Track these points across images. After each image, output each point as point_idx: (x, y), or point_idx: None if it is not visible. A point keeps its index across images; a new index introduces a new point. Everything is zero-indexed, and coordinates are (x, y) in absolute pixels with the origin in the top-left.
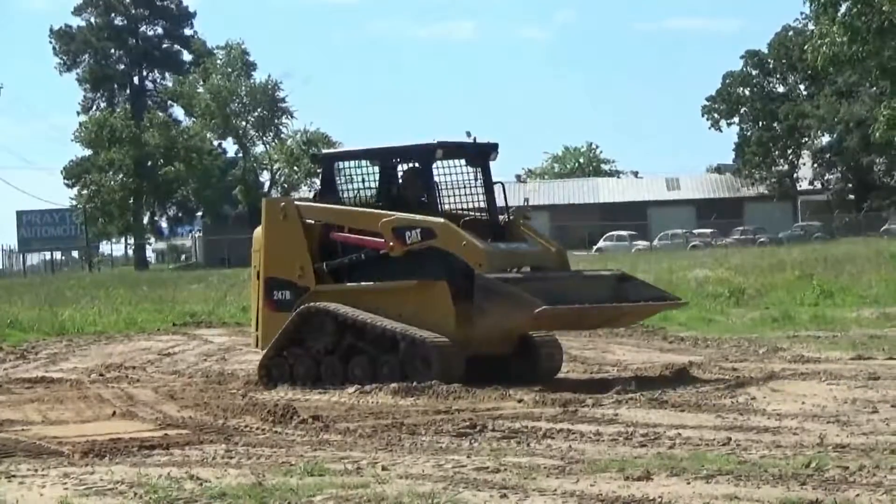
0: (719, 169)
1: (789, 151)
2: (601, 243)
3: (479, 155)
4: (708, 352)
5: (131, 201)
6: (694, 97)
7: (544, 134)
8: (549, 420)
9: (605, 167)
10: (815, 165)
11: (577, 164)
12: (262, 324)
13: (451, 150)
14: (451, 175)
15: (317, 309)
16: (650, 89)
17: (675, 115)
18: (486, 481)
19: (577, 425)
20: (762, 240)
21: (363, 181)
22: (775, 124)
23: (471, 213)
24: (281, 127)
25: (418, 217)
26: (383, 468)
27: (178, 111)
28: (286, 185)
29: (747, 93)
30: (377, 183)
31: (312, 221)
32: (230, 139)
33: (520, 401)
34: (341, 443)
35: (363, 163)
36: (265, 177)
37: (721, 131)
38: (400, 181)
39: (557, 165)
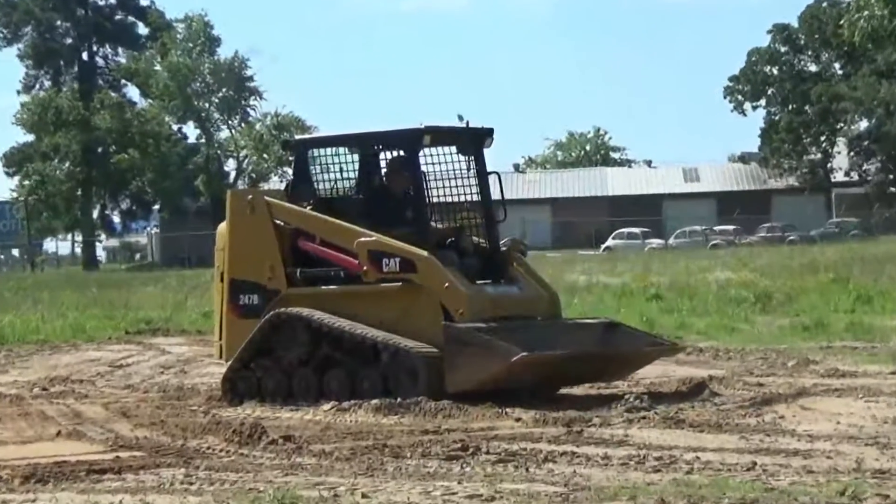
0: (743, 158)
1: (822, 138)
2: (610, 242)
3: (472, 141)
4: (730, 364)
5: (79, 193)
6: (715, 77)
7: (545, 118)
8: (551, 441)
9: (615, 156)
10: (852, 154)
11: (582, 153)
12: (227, 332)
13: (440, 135)
14: (440, 164)
15: (288, 315)
16: (665, 68)
17: (694, 98)
18: None
19: (583, 447)
20: (792, 238)
21: (341, 171)
22: (806, 107)
23: (462, 213)
24: (249, 109)
25: (400, 245)
26: (363, 496)
27: (132, 91)
28: (254, 175)
29: (775, 72)
30: (357, 173)
31: (282, 223)
32: (191, 123)
33: (518, 419)
34: (316, 467)
35: (341, 150)
36: (231, 165)
37: (745, 115)
38: (383, 171)
39: (561, 153)
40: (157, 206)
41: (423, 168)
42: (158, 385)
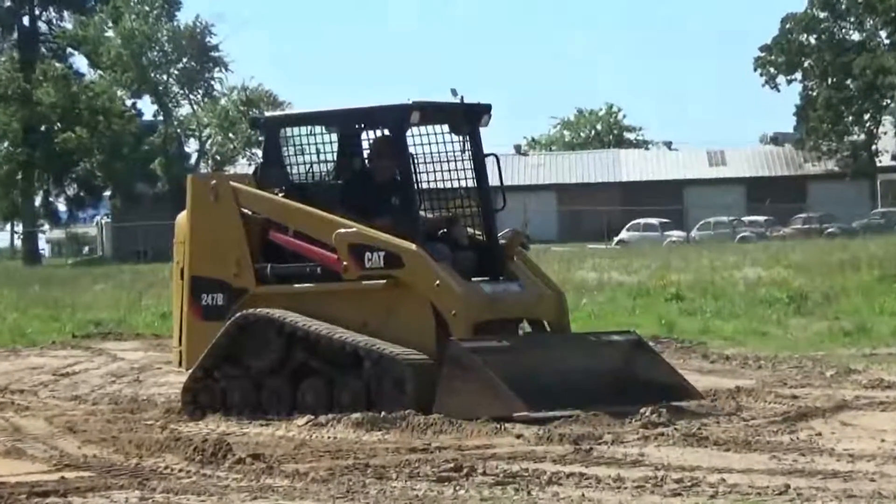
0: (776, 139)
1: (866, 117)
2: (624, 234)
3: (467, 119)
4: (761, 374)
5: (19, 177)
6: (745, 47)
7: (552, 94)
8: (557, 461)
9: (630, 136)
10: None
11: (593, 133)
12: (187, 337)
13: (430, 112)
14: (430, 146)
15: (257, 317)
16: (688, 38)
17: (721, 71)
18: None
19: (592, 468)
20: (831, 230)
21: (317, 153)
22: (849, 82)
23: (455, 201)
24: (213, 83)
25: (384, 237)
26: None
27: (79, 61)
28: (219, 157)
29: (812, 41)
30: (335, 156)
31: (250, 212)
32: (147, 98)
33: (519, 436)
34: (288, 489)
35: (318, 129)
36: (192, 146)
37: (779, 91)
38: (365, 154)
39: (569, 134)
40: (107, 193)
41: (412, 150)
42: (109, 396)
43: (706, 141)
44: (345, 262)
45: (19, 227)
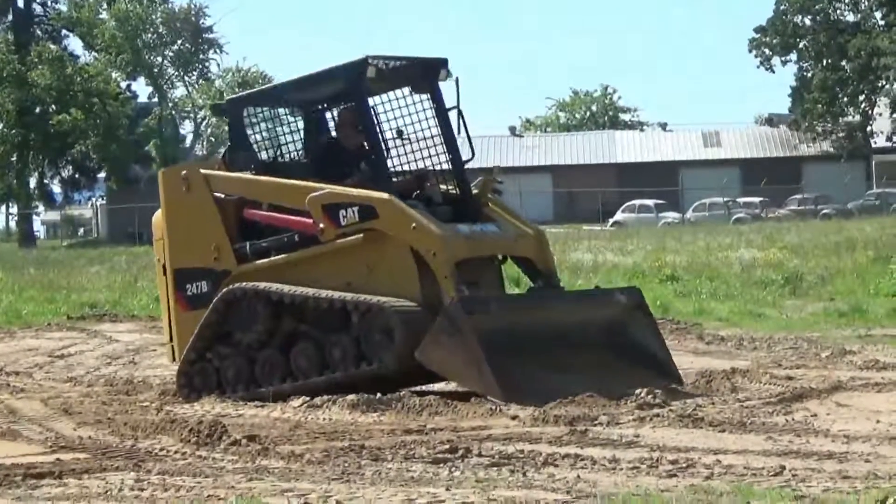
0: (771, 120)
1: (861, 98)
2: (619, 215)
3: (425, 75)
4: (756, 355)
5: (14, 159)
6: (739, 28)
7: (547, 75)
8: (552, 442)
9: (625, 118)
10: (895, 116)
11: (588, 114)
12: (177, 330)
13: (388, 73)
14: (396, 109)
15: (243, 290)
16: (683, 18)
17: (715, 52)
18: None
19: (588, 449)
20: (826, 211)
21: (283, 128)
22: (844, 63)
23: (425, 160)
24: (207, 64)
25: (355, 192)
26: (338, 503)
27: (74, 43)
28: (213, 139)
29: (808, 22)
30: (302, 128)
31: (223, 195)
32: (142, 80)
33: (514, 417)
34: (284, 471)
35: (280, 104)
36: (187, 128)
37: (773, 72)
38: (332, 127)
39: (564, 115)
40: (102, 175)
41: (379, 118)
42: (105, 378)
43: (701, 122)
44: (321, 225)
45: (14, 209)
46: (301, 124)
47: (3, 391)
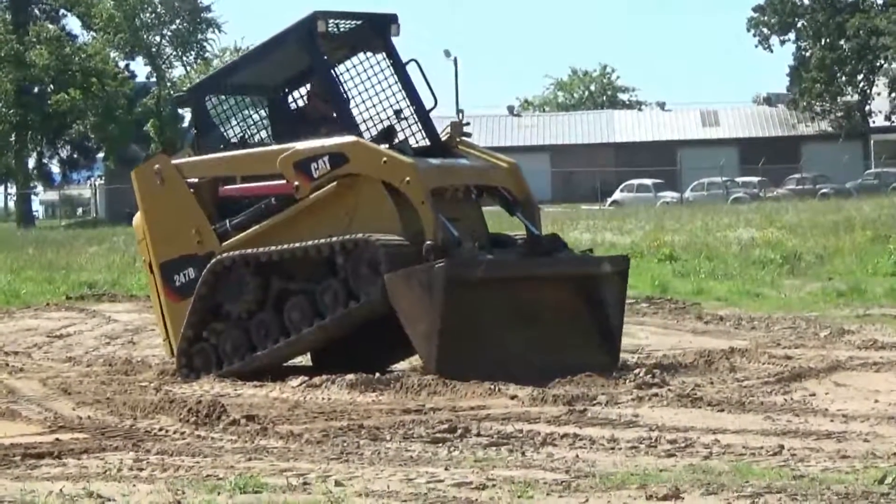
0: (769, 100)
1: (859, 77)
2: (617, 195)
3: (377, 33)
4: (754, 335)
5: (12, 139)
6: (738, 7)
7: (545, 53)
8: (551, 422)
9: (624, 97)
10: (893, 95)
11: (586, 93)
12: (171, 323)
13: (339, 35)
14: (358, 75)
15: (231, 259)
16: None
17: (713, 31)
18: (468, 500)
19: (586, 429)
20: (824, 191)
21: (248, 110)
22: (842, 42)
23: (392, 116)
24: (205, 44)
25: (321, 142)
26: (337, 483)
27: (72, 23)
28: None
29: (806, 1)
30: (268, 109)
31: (196, 179)
32: (140, 59)
33: (513, 397)
34: (283, 450)
35: (242, 79)
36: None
37: (772, 51)
38: (296, 96)
39: (562, 94)
40: (101, 154)
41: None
42: (104, 357)
43: (699, 101)
44: (295, 183)
45: (13, 189)
46: (266, 102)
47: (2, 371)
